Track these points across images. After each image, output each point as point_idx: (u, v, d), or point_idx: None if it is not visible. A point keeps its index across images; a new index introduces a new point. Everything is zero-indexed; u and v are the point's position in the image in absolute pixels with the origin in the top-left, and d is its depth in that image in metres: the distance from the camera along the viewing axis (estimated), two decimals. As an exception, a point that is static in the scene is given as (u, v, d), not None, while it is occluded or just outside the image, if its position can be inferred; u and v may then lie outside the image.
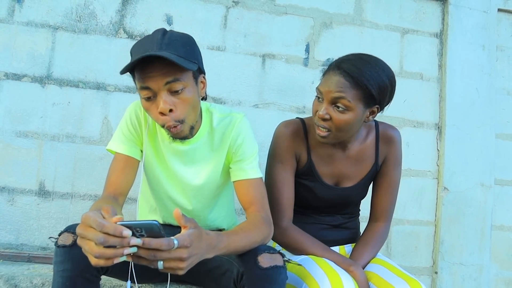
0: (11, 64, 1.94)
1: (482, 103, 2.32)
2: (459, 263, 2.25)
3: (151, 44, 1.17)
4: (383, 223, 1.55)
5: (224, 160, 1.41)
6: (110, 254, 0.85)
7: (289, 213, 1.48)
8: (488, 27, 2.35)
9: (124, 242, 0.84)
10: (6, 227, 1.91)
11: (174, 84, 1.18)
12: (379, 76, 1.31)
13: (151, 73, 1.16)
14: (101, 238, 0.83)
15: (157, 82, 1.17)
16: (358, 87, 1.30)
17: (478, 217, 2.29)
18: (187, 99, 1.21)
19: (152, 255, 0.87)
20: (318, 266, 1.30)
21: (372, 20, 2.28)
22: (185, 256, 0.91)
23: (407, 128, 2.29)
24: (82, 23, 2.00)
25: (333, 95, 1.31)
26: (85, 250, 0.88)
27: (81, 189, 1.97)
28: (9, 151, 1.93)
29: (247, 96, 2.13)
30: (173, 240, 0.89)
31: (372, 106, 1.36)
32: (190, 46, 1.23)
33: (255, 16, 2.16)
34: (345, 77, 1.30)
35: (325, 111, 1.33)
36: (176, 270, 0.92)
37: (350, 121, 1.33)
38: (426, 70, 2.34)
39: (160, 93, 1.18)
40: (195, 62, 1.22)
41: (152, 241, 0.86)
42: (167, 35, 1.20)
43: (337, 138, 1.41)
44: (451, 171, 2.27)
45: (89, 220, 0.86)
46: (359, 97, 1.31)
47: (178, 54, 1.16)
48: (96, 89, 2.00)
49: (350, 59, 1.34)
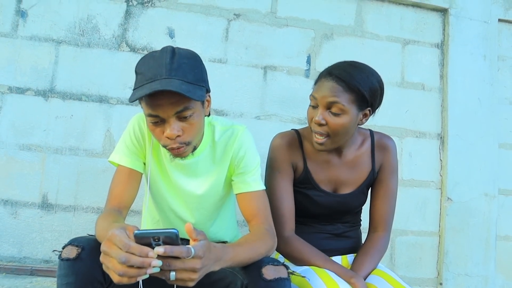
0: (15, 78, 1.96)
1: (484, 113, 2.32)
2: (464, 274, 2.23)
3: (160, 69, 1.14)
4: (382, 233, 1.55)
5: (226, 172, 1.41)
6: (134, 273, 0.85)
7: (291, 223, 1.48)
8: (489, 37, 2.37)
9: (146, 263, 0.85)
10: (9, 240, 1.91)
11: (184, 112, 1.17)
12: (368, 80, 1.38)
13: (161, 100, 1.14)
14: (123, 257, 0.84)
15: (167, 111, 1.16)
16: (351, 91, 1.36)
17: (483, 227, 2.27)
18: (194, 123, 1.22)
19: (167, 264, 0.87)
20: (318, 277, 1.29)
21: (373, 31, 2.30)
22: (199, 266, 0.91)
23: (410, 139, 2.29)
24: (85, 37, 2.02)
25: (328, 100, 1.36)
26: (107, 267, 0.89)
27: (84, 201, 1.97)
28: (13, 164, 1.93)
29: (249, 108, 2.14)
30: (191, 249, 0.89)
31: (365, 108, 1.41)
32: (198, 68, 1.21)
33: (256, 29, 2.17)
34: (337, 82, 1.36)
35: (321, 116, 1.38)
36: (187, 281, 0.92)
37: (346, 124, 1.38)
38: (427, 80, 2.34)
39: (169, 120, 1.18)
40: (203, 85, 1.22)
41: (173, 248, 0.86)
42: (175, 58, 1.17)
43: (335, 143, 1.43)
44: (454, 181, 2.27)
45: (115, 239, 0.86)
46: (352, 100, 1.36)
47: (187, 80, 1.15)
48: (98, 102, 2.01)
49: (340, 66, 1.41)
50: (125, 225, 0.93)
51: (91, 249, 1.12)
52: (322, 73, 1.44)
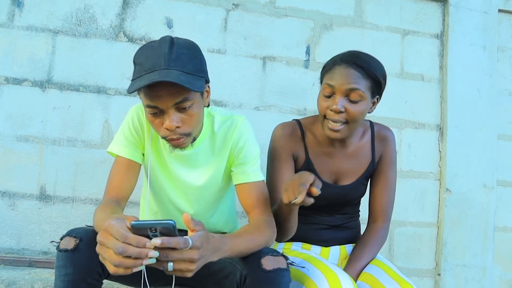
0: (12, 68, 1.94)
1: (483, 104, 2.32)
2: (462, 265, 2.24)
3: (158, 60, 1.13)
4: (381, 224, 1.56)
5: (226, 163, 1.41)
6: (130, 264, 0.85)
7: None
8: (489, 28, 2.35)
9: (143, 253, 0.84)
10: (7, 232, 1.90)
11: (183, 103, 1.17)
12: (381, 67, 1.41)
13: (159, 92, 1.13)
14: (120, 248, 0.83)
15: (166, 102, 1.15)
16: (369, 77, 1.37)
17: (481, 218, 2.28)
18: (194, 114, 1.21)
19: (164, 255, 0.87)
20: (315, 267, 1.29)
21: (373, 22, 2.28)
22: (196, 257, 0.90)
23: (409, 130, 2.29)
24: (82, 27, 2.00)
25: (347, 87, 1.35)
26: (103, 257, 0.88)
27: (82, 193, 1.96)
28: (10, 156, 1.92)
29: (247, 99, 2.13)
30: (188, 240, 0.89)
31: (375, 96, 1.43)
32: (197, 59, 1.20)
33: (255, 19, 2.16)
34: (355, 69, 1.36)
35: (340, 103, 1.36)
36: (185, 272, 0.91)
37: (364, 111, 1.39)
38: (427, 71, 2.34)
39: (168, 111, 1.17)
40: (202, 76, 1.21)
41: (170, 239, 0.86)
42: (174, 48, 1.16)
43: (350, 130, 1.43)
44: (453, 173, 2.27)
45: (112, 229, 0.86)
46: (369, 87, 1.38)
47: (186, 71, 1.14)
48: (96, 93, 2.00)
49: (353, 54, 1.41)
50: (124, 216, 0.92)
51: (89, 240, 1.11)
52: (331, 62, 1.42)
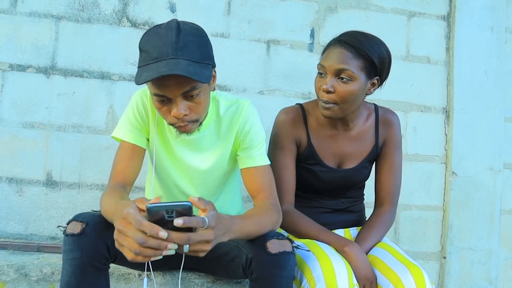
0: (15, 55, 1.94)
1: (490, 86, 2.29)
2: (468, 248, 2.24)
3: (165, 48, 1.12)
4: (388, 207, 1.56)
5: (232, 147, 1.41)
6: (149, 254, 0.87)
7: (289, 197, 1.49)
8: (497, 8, 2.31)
9: (162, 245, 0.86)
10: (15, 218, 1.92)
11: (191, 92, 1.16)
12: (378, 47, 1.39)
13: (167, 81, 1.12)
14: (141, 239, 0.85)
15: (174, 91, 1.15)
16: (360, 57, 1.36)
17: (487, 201, 2.27)
18: (201, 101, 1.20)
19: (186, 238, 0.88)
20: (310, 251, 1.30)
21: (378, 4, 2.25)
22: (212, 237, 0.92)
23: (414, 113, 2.27)
24: (85, 12, 1.99)
25: (337, 67, 1.35)
26: (120, 244, 0.90)
27: (88, 178, 1.97)
28: (16, 142, 1.93)
29: (252, 83, 2.12)
30: (205, 219, 0.90)
31: (373, 77, 1.41)
32: (204, 46, 1.19)
33: (259, 2, 2.13)
34: (347, 49, 1.36)
35: (329, 83, 1.37)
36: (199, 252, 0.93)
37: (355, 91, 1.37)
38: (433, 53, 2.30)
39: (176, 99, 1.16)
40: (209, 63, 1.20)
41: (191, 218, 0.87)
42: (181, 36, 1.13)
43: (343, 111, 1.42)
44: (459, 156, 2.25)
45: (130, 217, 0.87)
46: (362, 67, 1.36)
47: (194, 60, 1.13)
48: (100, 79, 1.99)
49: (349, 33, 1.42)
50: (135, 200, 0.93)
51: (95, 224, 1.12)
52: (330, 42, 1.44)
